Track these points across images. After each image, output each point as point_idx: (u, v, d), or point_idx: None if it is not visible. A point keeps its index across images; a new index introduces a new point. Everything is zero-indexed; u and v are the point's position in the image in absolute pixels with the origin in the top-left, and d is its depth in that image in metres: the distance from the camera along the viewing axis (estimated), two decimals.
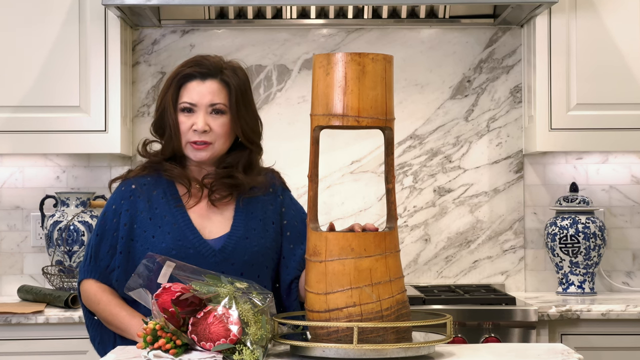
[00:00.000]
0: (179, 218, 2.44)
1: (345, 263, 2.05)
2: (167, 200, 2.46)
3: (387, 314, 2.06)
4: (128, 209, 2.47)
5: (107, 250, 2.47)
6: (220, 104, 2.43)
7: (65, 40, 3.51)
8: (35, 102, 3.50)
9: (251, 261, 2.44)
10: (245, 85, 2.47)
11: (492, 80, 3.84)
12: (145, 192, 2.47)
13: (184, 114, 2.44)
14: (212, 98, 2.42)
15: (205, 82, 2.43)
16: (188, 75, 2.44)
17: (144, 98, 3.81)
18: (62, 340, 3.27)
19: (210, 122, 2.42)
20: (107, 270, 2.48)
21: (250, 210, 2.49)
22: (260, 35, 3.82)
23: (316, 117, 2.08)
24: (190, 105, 2.43)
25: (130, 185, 2.49)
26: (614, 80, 3.55)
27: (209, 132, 2.42)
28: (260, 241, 2.46)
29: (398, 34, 3.83)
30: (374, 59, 2.05)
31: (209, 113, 2.43)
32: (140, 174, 2.50)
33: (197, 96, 2.42)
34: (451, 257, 3.85)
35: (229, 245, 2.43)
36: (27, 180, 3.80)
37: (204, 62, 2.45)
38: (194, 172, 2.50)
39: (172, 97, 2.44)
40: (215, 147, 2.44)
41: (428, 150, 3.84)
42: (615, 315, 3.30)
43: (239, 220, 2.46)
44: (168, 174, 2.47)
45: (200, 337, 1.99)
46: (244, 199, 2.49)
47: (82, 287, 2.51)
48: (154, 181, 2.49)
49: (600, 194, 3.85)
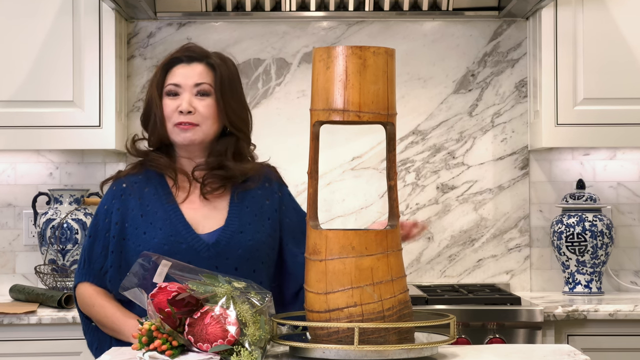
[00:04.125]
0: (171, 213, 2.43)
1: (345, 262, 2.05)
2: (158, 196, 2.46)
3: (388, 314, 2.05)
4: (119, 207, 2.47)
5: (100, 251, 2.48)
6: (205, 84, 2.44)
7: (59, 33, 3.52)
8: (28, 96, 3.51)
9: (246, 255, 2.43)
10: (232, 74, 2.49)
11: (496, 74, 3.85)
12: (136, 190, 2.48)
13: (169, 97, 2.45)
14: (197, 78, 2.44)
15: (191, 65, 2.46)
16: (174, 60, 2.48)
17: (139, 92, 3.83)
18: (55, 341, 3.26)
19: (196, 104, 2.43)
20: (101, 272, 2.48)
21: (245, 204, 2.48)
22: (258, 28, 3.83)
23: (316, 112, 2.08)
24: (174, 87, 2.44)
25: (121, 184, 2.50)
26: (622, 74, 3.56)
27: (194, 113, 2.42)
28: (255, 235, 2.45)
29: (400, 26, 3.84)
30: (375, 52, 2.05)
31: (194, 95, 2.44)
32: (131, 172, 2.52)
33: (182, 77, 2.44)
34: (455, 255, 3.84)
35: (222, 239, 2.42)
36: (19, 177, 3.81)
37: (190, 48, 2.50)
38: (184, 165, 2.50)
39: (158, 83, 2.47)
40: (202, 129, 2.44)
41: (431, 146, 3.84)
42: (623, 315, 3.30)
43: (234, 214, 2.46)
44: (154, 164, 2.48)
45: (197, 338, 1.97)
46: (239, 193, 2.49)
47: (78, 291, 2.51)
48: (146, 179, 2.49)
49: (607, 191, 3.85)
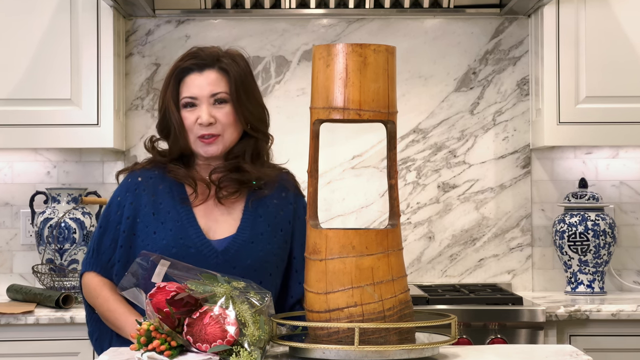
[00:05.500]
0: (183, 215, 2.42)
1: (346, 261, 2.04)
2: (172, 196, 2.45)
3: (389, 314, 2.05)
4: (132, 201, 2.46)
5: (110, 243, 2.47)
6: (222, 93, 2.41)
7: (56, 30, 3.51)
8: (25, 94, 3.51)
9: (254, 266, 2.41)
10: (245, 73, 2.46)
11: (498, 72, 3.85)
12: (151, 186, 2.46)
13: (186, 109, 2.42)
14: (212, 88, 2.41)
15: (203, 73, 2.42)
16: (185, 69, 2.44)
17: (138, 90, 3.82)
18: (53, 341, 3.26)
19: (215, 113, 2.41)
20: (109, 264, 2.47)
21: (260, 213, 2.46)
22: (258, 25, 3.83)
23: (316, 111, 2.07)
24: (191, 99, 2.42)
25: (136, 177, 2.48)
26: (625, 72, 3.55)
27: (215, 123, 2.40)
28: (267, 247, 2.43)
29: (401, 24, 3.84)
30: (375, 50, 2.04)
31: (212, 104, 2.41)
32: (147, 166, 2.50)
33: (197, 89, 2.41)
34: (456, 255, 3.83)
35: (232, 247, 2.40)
36: (16, 176, 3.81)
37: (200, 54, 2.44)
38: (201, 170, 2.48)
39: (172, 94, 2.43)
40: (224, 138, 2.42)
41: (432, 144, 3.84)
42: (626, 315, 3.30)
43: (246, 222, 2.44)
44: (172, 175, 2.46)
45: (196, 338, 1.97)
46: (253, 201, 2.46)
47: (84, 280, 2.50)
48: (162, 175, 2.47)
49: (610, 190, 3.84)
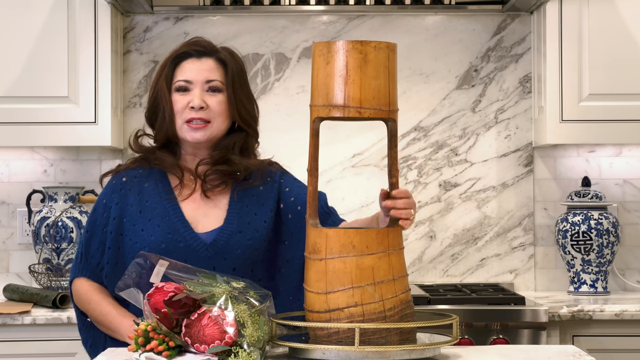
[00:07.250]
0: (170, 210, 2.42)
1: (346, 261, 2.04)
2: (158, 192, 2.45)
3: (390, 315, 2.04)
4: (118, 202, 2.46)
5: (97, 246, 2.47)
6: (217, 81, 2.43)
7: (53, 27, 3.51)
8: (22, 92, 3.50)
9: (244, 255, 2.41)
10: (241, 68, 2.49)
11: (500, 70, 3.83)
12: (136, 185, 2.47)
13: (179, 93, 2.44)
14: (208, 75, 2.42)
15: (201, 59, 2.44)
16: (184, 54, 2.46)
17: (136, 88, 3.82)
18: (50, 341, 3.25)
19: (207, 100, 2.42)
20: (98, 268, 2.47)
21: (246, 202, 2.46)
22: (257, 22, 3.82)
23: (316, 108, 2.07)
24: (185, 82, 2.43)
25: (121, 178, 2.49)
26: (628, 69, 3.55)
27: (206, 109, 2.41)
28: (255, 235, 2.43)
29: (402, 20, 3.83)
30: (376, 47, 2.04)
31: (205, 91, 2.43)
32: (131, 166, 2.51)
33: (193, 73, 2.43)
34: (457, 254, 3.82)
35: (221, 239, 2.40)
36: (13, 174, 3.79)
37: (199, 42, 2.48)
38: (188, 161, 2.48)
39: (167, 77, 2.45)
40: (213, 127, 2.43)
41: (433, 142, 3.82)
42: (630, 315, 3.30)
43: (233, 213, 2.44)
44: (159, 163, 2.46)
45: (195, 339, 1.97)
46: (239, 191, 2.46)
47: (74, 286, 2.50)
48: (146, 173, 2.48)
49: (613, 189, 3.84)
